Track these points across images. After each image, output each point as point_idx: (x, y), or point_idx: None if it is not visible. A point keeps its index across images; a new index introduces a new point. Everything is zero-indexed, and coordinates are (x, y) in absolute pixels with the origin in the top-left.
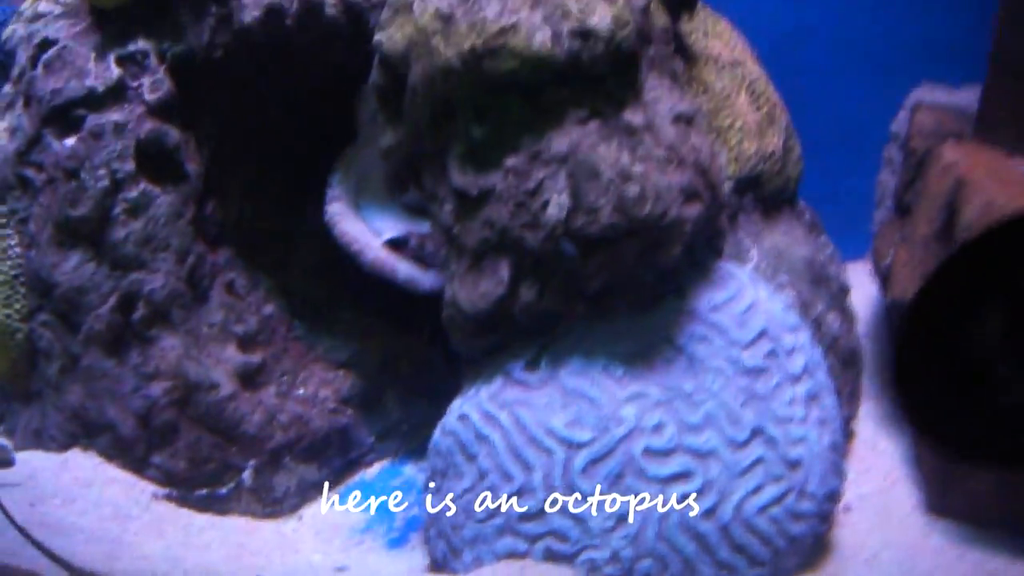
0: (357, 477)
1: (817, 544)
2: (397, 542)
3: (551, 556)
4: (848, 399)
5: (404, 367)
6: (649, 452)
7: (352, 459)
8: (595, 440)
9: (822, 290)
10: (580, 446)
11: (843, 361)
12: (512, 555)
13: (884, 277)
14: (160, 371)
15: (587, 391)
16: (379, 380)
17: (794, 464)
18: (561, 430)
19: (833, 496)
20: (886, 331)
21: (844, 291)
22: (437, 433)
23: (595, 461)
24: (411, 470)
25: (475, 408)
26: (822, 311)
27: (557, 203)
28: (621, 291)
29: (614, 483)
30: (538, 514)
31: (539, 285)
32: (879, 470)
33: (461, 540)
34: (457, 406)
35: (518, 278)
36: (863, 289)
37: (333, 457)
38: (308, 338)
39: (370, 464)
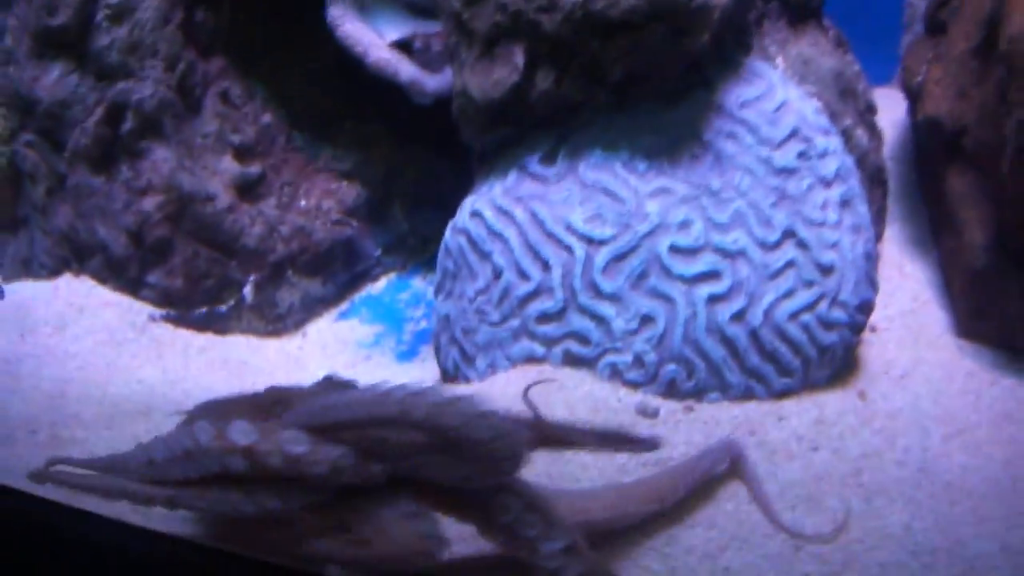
0: (364, 291)
1: (847, 357)
2: (406, 355)
3: (571, 360)
4: (875, 218)
5: (410, 176)
6: (675, 250)
7: (358, 273)
8: (617, 236)
9: (849, 104)
10: (601, 243)
11: (871, 177)
12: (529, 360)
13: (915, 95)
14: (152, 185)
15: (608, 185)
16: (384, 190)
17: (827, 270)
18: (581, 226)
19: (865, 307)
20: (913, 152)
21: (871, 108)
22: (448, 232)
23: (617, 259)
24: (420, 283)
25: (488, 204)
26: (850, 125)
27: None
28: (645, 80)
29: (637, 282)
30: (557, 315)
31: (557, 72)
32: (907, 292)
33: (474, 346)
34: (469, 203)
35: (534, 64)
36: (887, 113)
37: (338, 271)
38: (309, 148)
39: (377, 278)
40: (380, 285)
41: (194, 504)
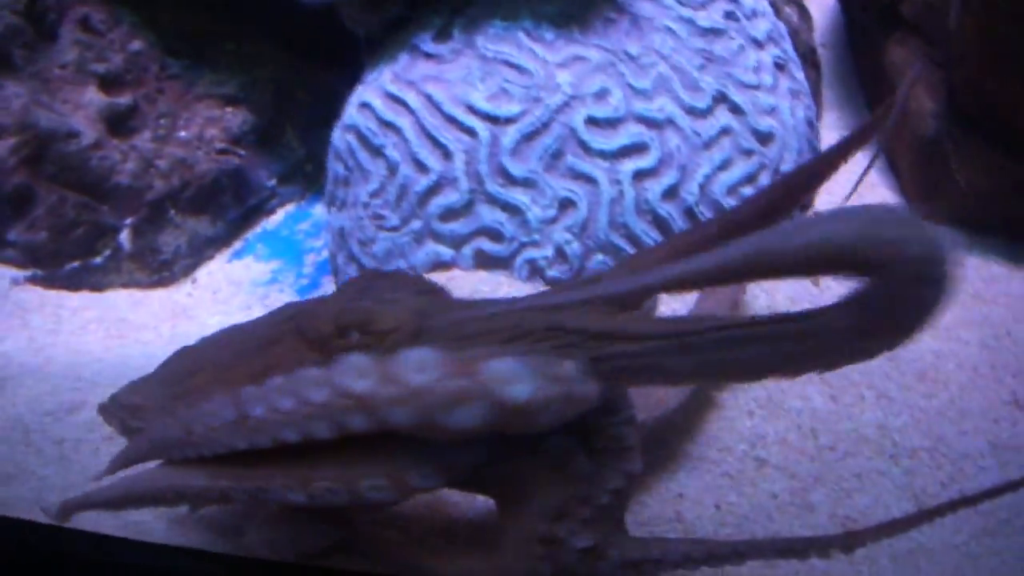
0: (259, 227)
1: None
2: (308, 288)
3: (483, 261)
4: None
5: (303, 97)
6: (593, 122)
7: (251, 206)
8: (525, 113)
9: None
10: (508, 121)
11: (803, 58)
12: (436, 266)
13: None
14: (3, 126)
15: (512, 57)
16: (274, 114)
17: (766, 137)
18: (483, 105)
19: None
20: (845, 36)
21: None
22: (335, 132)
23: (528, 138)
24: (321, 211)
25: (377, 93)
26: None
27: None
28: None
29: (552, 163)
30: (463, 210)
31: None
32: (849, 177)
33: (373, 259)
34: (356, 96)
35: None
36: (816, 1)
37: (228, 206)
38: (187, 75)
39: (273, 211)
40: (277, 218)
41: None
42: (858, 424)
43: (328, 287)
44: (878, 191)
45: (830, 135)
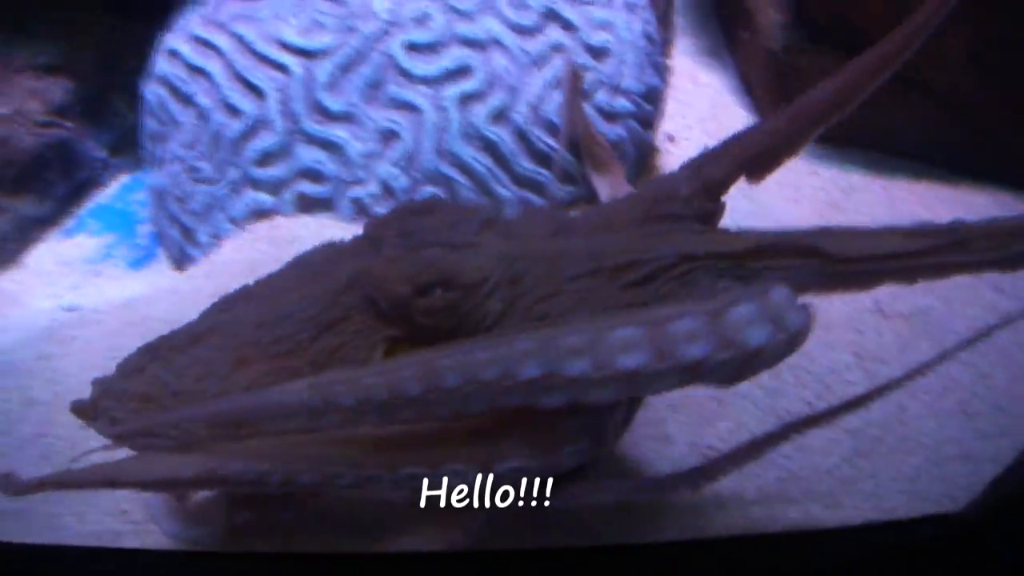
0: (92, 201)
1: (641, 158)
2: (142, 260)
3: (306, 204)
4: (662, 27)
5: (132, 62)
6: (413, 48)
7: (81, 181)
8: (341, 44)
9: None
10: (322, 54)
11: None
12: (258, 215)
13: None
14: None
15: None
16: (101, 81)
17: (600, 52)
18: (296, 39)
19: (653, 95)
20: None
21: None
22: (146, 88)
23: (344, 69)
24: (151, 176)
25: (184, 38)
26: None
27: None
28: None
29: (372, 94)
30: (280, 152)
31: None
32: (704, 100)
33: (192, 216)
34: (164, 44)
35: None
36: None
37: (55, 182)
38: (4, 47)
39: (106, 183)
40: (111, 191)
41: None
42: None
43: (162, 258)
44: (733, 111)
45: (683, 61)
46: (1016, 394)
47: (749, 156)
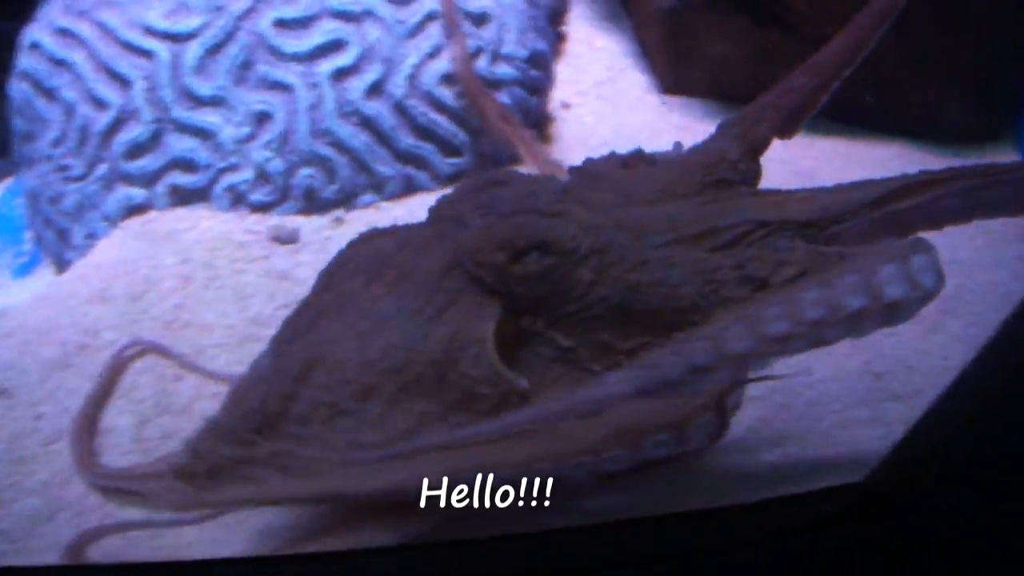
0: None
1: (531, 125)
2: (26, 268)
3: (180, 197)
4: None
5: (6, 58)
6: (282, 24)
7: None
8: (207, 26)
9: None
10: (189, 37)
11: None
12: (131, 211)
13: None
14: None
15: None
16: None
17: (480, 18)
18: (161, 23)
19: (538, 59)
20: None
21: None
22: (10, 84)
23: (212, 51)
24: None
25: (46, 30)
26: None
27: None
28: None
29: (242, 75)
30: (150, 143)
31: None
32: (600, 64)
33: (66, 217)
34: (25, 37)
35: None
36: None
37: None
38: None
39: None
40: None
41: None
42: None
43: (46, 264)
44: (629, 74)
45: (579, 26)
46: (925, 350)
47: (784, 115)
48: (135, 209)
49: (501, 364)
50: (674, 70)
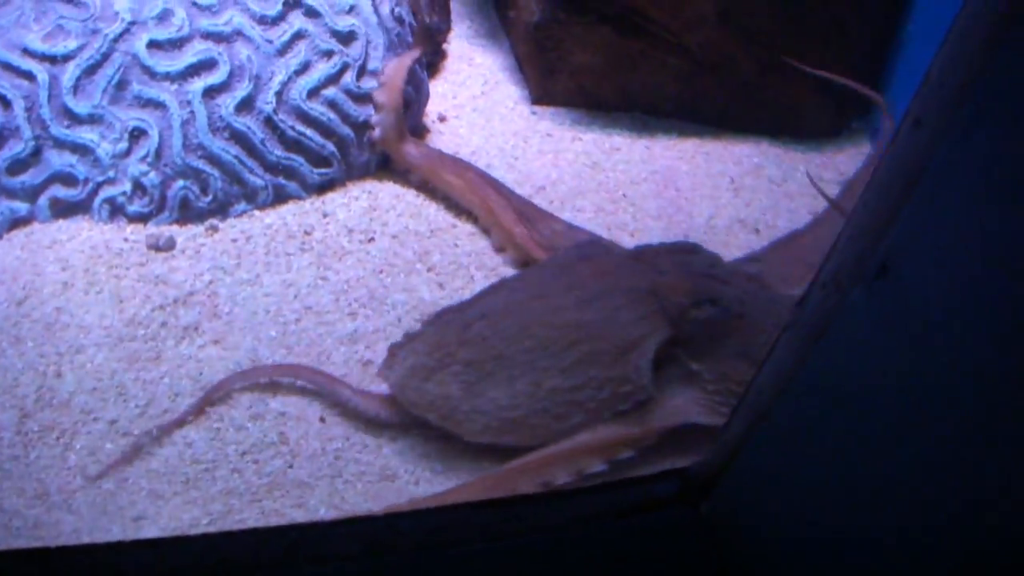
0: None
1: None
2: None
3: (61, 209)
4: (439, 14)
5: None
6: (156, 46)
7: None
8: (84, 47)
9: None
10: (66, 59)
11: None
12: (14, 224)
13: None
14: None
15: None
16: None
17: (346, 37)
18: (39, 46)
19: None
20: None
21: None
22: None
23: (89, 72)
24: None
25: None
26: None
27: None
28: None
29: (118, 94)
30: (31, 159)
31: None
32: (477, 80)
33: None
34: None
35: None
36: None
37: None
38: None
39: None
40: None
41: None
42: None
43: None
44: (504, 88)
45: (459, 44)
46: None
47: None
48: (18, 222)
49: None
50: (543, 81)
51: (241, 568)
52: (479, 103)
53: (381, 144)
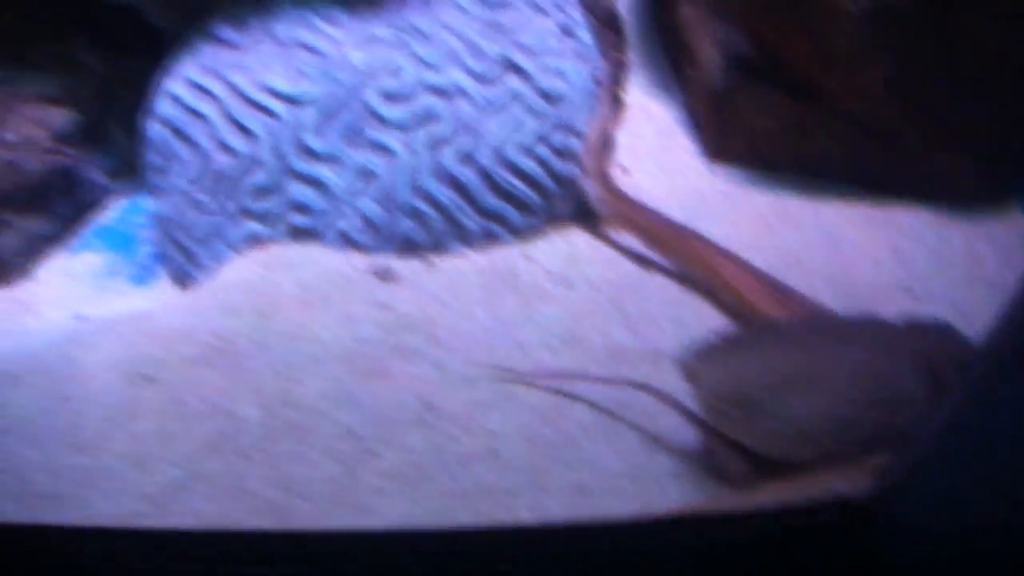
0: (94, 222)
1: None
2: (144, 278)
3: (296, 234)
4: (614, 63)
5: (124, 93)
6: (387, 96)
7: (84, 203)
8: (323, 92)
9: None
10: (308, 101)
11: (604, 22)
12: (254, 242)
13: None
14: None
15: (307, 41)
16: (99, 111)
17: (554, 98)
18: (283, 87)
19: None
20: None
21: None
22: (147, 125)
23: (327, 116)
24: (153, 204)
25: (183, 84)
26: None
27: None
28: None
29: (352, 137)
30: (273, 188)
31: None
32: (654, 130)
33: (195, 241)
34: (163, 86)
35: None
36: None
37: (60, 204)
38: (11, 78)
39: (107, 206)
40: (111, 213)
41: None
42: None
43: (163, 276)
44: (677, 139)
45: (636, 94)
46: None
47: None
48: (257, 241)
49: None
50: (719, 140)
51: None
52: (658, 156)
53: (598, 202)
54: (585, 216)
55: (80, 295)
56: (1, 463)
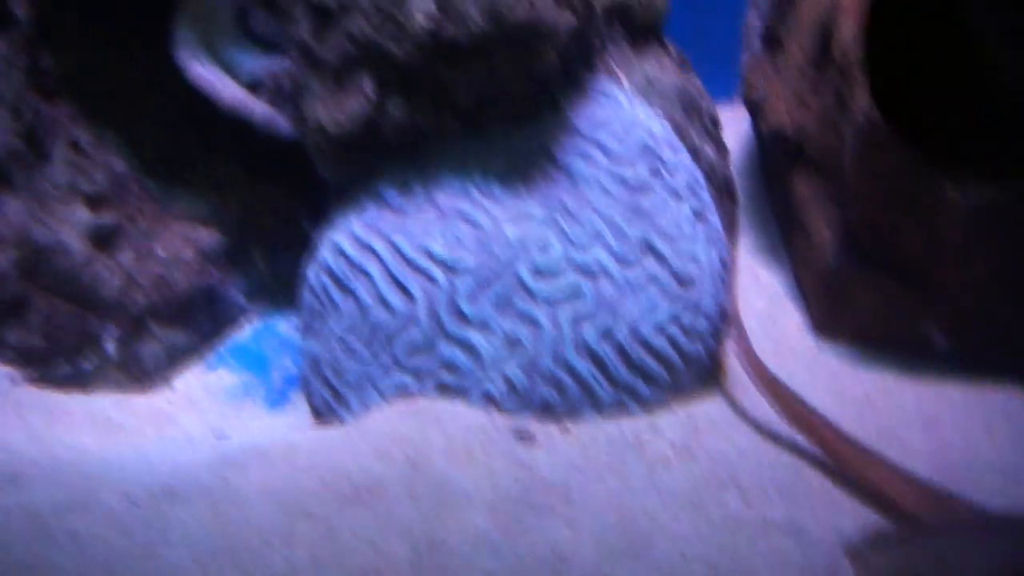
0: (230, 340)
1: (713, 364)
2: (277, 402)
3: (444, 390)
4: (727, 228)
5: (267, 220)
6: (536, 272)
7: (222, 321)
8: (478, 262)
9: (695, 120)
10: (463, 270)
11: (720, 189)
12: (403, 394)
13: (757, 108)
14: (4, 238)
15: (466, 212)
16: (242, 235)
17: (687, 281)
18: (442, 253)
19: (724, 313)
20: (759, 163)
21: (715, 123)
22: (310, 270)
23: (481, 285)
24: (285, 327)
25: (348, 238)
26: (697, 140)
27: (423, 10)
28: (495, 104)
29: (502, 307)
30: (426, 346)
31: (407, 100)
32: (763, 298)
33: (346, 385)
34: (328, 238)
35: (384, 94)
36: (731, 128)
37: (202, 320)
38: (164, 196)
39: (242, 325)
40: (246, 333)
41: None
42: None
43: (298, 401)
44: (786, 309)
45: (745, 257)
46: None
47: None
48: (407, 394)
49: None
50: (827, 316)
51: None
52: (767, 325)
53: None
54: (706, 391)
55: (217, 411)
56: None
